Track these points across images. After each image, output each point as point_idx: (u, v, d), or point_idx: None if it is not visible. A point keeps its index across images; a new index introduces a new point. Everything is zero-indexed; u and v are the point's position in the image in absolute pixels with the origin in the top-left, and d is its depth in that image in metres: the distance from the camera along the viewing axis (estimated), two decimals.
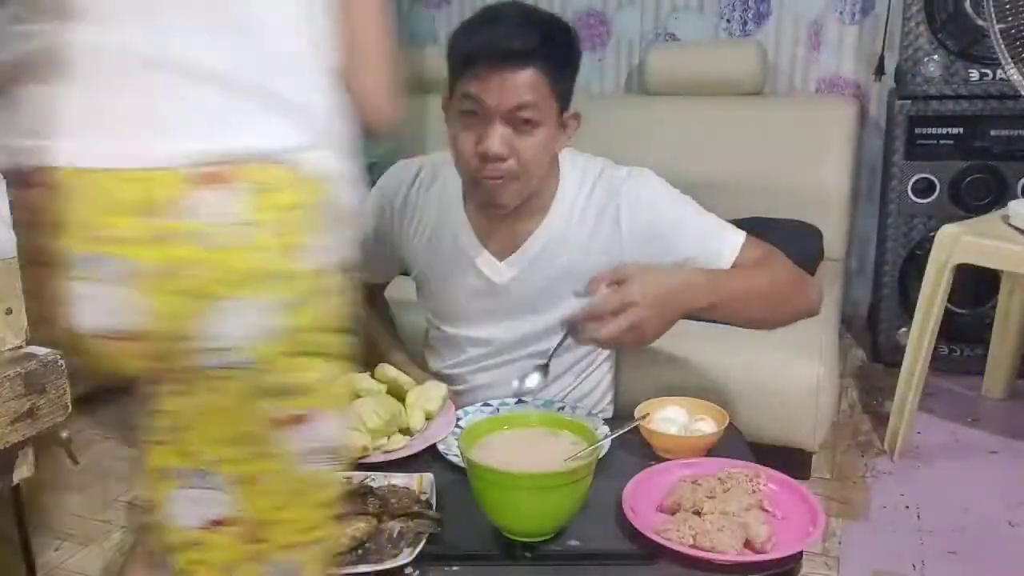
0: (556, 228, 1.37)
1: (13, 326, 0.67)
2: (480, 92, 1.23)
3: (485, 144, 1.24)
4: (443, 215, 1.41)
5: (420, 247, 1.44)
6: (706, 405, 1.29)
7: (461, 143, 1.28)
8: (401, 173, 1.47)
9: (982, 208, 2.36)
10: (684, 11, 2.94)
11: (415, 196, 1.44)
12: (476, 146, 1.25)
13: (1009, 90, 2.20)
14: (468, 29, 1.28)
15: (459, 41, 1.28)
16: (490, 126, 1.24)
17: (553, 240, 1.37)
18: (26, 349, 0.68)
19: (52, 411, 0.68)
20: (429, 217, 1.43)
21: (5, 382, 0.64)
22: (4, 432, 0.64)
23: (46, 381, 0.66)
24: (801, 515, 1.06)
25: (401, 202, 1.45)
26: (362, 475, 1.15)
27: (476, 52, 1.23)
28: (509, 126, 1.24)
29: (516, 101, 1.22)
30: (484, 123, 1.24)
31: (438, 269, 1.44)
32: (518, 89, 1.22)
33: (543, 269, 1.38)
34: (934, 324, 2.02)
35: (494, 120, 1.23)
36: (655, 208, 1.35)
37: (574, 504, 1.03)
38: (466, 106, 1.25)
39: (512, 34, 1.23)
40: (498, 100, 1.22)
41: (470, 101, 1.24)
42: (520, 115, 1.23)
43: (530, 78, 1.22)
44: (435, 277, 1.45)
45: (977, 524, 1.86)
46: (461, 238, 1.40)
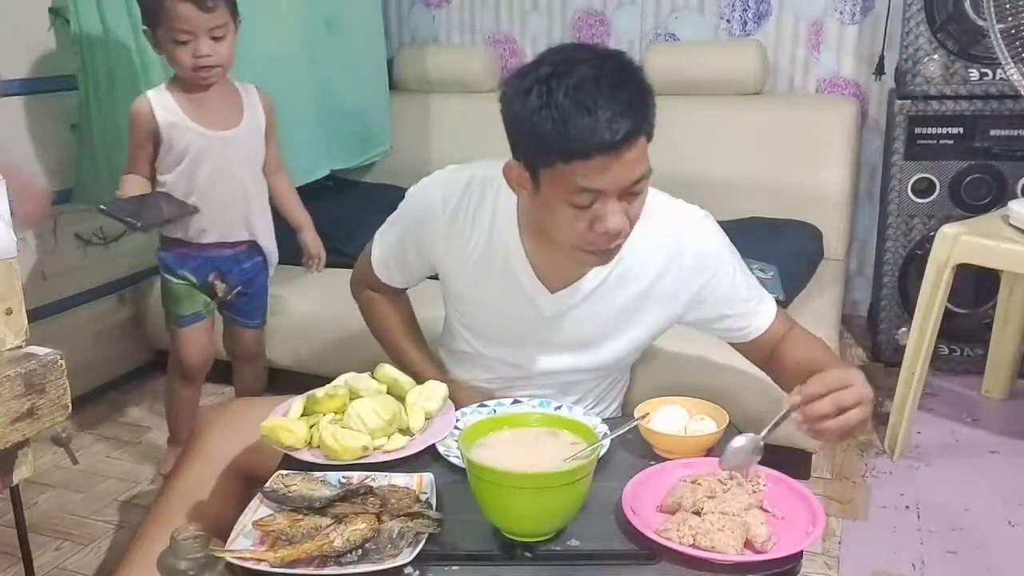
0: (620, 264, 1.33)
1: (13, 326, 0.67)
2: (599, 183, 1.14)
3: (605, 224, 1.16)
4: (496, 237, 1.35)
5: (467, 265, 1.38)
6: (706, 405, 1.29)
7: (573, 225, 1.18)
8: (450, 184, 1.38)
9: (982, 208, 2.36)
10: (684, 11, 2.93)
11: (465, 211, 1.36)
12: (591, 226, 1.18)
13: (1009, 90, 2.20)
14: (553, 112, 1.11)
15: (549, 126, 1.11)
16: (608, 206, 1.16)
17: (612, 275, 1.34)
18: (26, 349, 0.68)
19: (52, 411, 0.68)
20: (480, 237, 1.36)
21: (5, 382, 0.64)
22: (4, 432, 0.64)
23: (46, 381, 0.67)
24: (801, 515, 1.06)
25: (450, 215, 1.36)
26: (362, 475, 1.15)
27: (588, 147, 1.11)
28: (624, 200, 1.18)
29: (634, 177, 1.16)
30: (598, 202, 1.16)
31: (484, 290, 1.39)
32: (635, 166, 1.15)
33: (596, 307, 1.36)
34: (934, 324, 2.02)
35: (610, 200, 1.16)
36: (714, 278, 1.35)
37: (574, 504, 1.03)
38: (581, 200, 1.15)
39: (623, 116, 1.11)
40: (617, 184, 1.15)
41: (587, 194, 1.15)
42: (634, 188, 1.17)
43: (642, 148, 1.16)
44: (479, 298, 1.41)
45: (977, 524, 1.86)
46: (514, 265, 1.35)
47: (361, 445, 1.19)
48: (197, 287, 1.95)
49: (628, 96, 1.13)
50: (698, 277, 1.35)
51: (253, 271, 2.00)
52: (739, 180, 2.55)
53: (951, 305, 2.30)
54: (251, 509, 1.07)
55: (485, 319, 1.43)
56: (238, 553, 0.98)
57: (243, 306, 2.03)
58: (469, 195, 1.36)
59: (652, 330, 1.42)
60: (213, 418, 1.43)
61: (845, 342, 2.75)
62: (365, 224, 1.55)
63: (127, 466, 2.22)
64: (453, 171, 1.41)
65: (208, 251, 1.92)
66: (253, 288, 2.02)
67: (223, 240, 1.92)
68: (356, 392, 1.30)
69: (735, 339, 1.42)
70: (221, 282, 1.96)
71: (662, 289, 1.36)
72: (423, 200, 1.40)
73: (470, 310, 1.44)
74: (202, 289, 1.96)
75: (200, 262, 1.93)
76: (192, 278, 1.94)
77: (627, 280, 1.35)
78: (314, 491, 1.07)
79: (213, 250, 1.93)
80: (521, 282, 1.35)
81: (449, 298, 1.48)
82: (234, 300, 2.01)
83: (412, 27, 3.30)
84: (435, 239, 1.39)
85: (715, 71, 2.69)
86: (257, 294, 2.04)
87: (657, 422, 1.24)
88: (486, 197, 1.35)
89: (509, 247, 1.34)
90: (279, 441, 1.21)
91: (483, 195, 1.35)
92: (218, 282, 1.96)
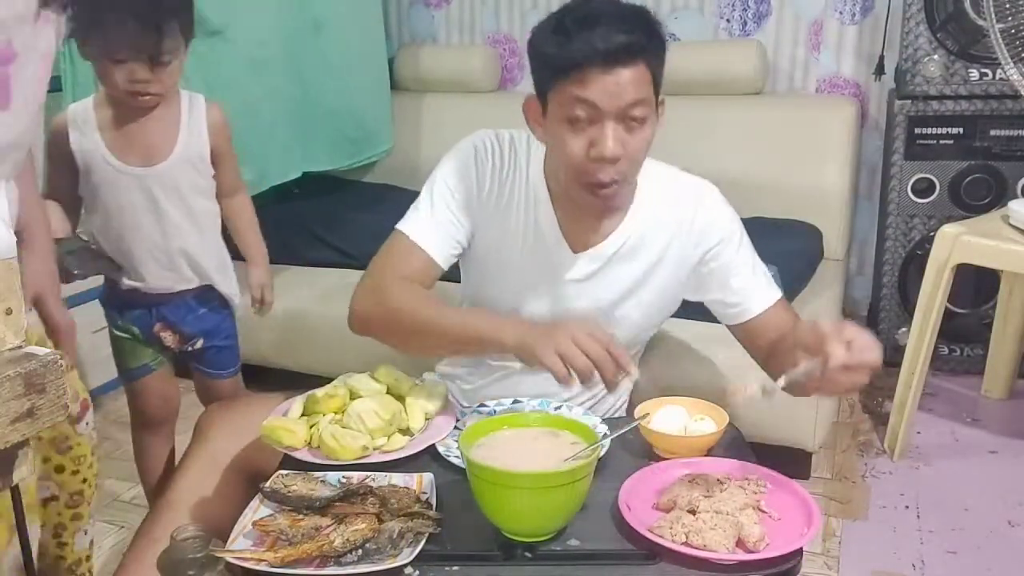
0: (636, 230, 1.37)
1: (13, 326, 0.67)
2: (592, 95, 1.20)
3: (600, 147, 1.21)
4: (526, 198, 1.38)
5: (499, 216, 1.39)
6: (706, 405, 1.29)
7: (571, 147, 1.24)
8: (497, 136, 1.41)
9: (982, 208, 2.36)
10: (684, 11, 2.93)
11: (510, 159, 1.40)
12: (589, 150, 1.23)
13: (1009, 90, 2.20)
14: (561, 32, 1.22)
15: (554, 45, 1.22)
16: (603, 128, 1.21)
17: (631, 242, 1.37)
18: (26, 349, 0.68)
19: (52, 411, 0.68)
20: (518, 187, 1.39)
21: (5, 382, 0.64)
22: (4, 432, 0.64)
23: (46, 381, 0.67)
24: (798, 516, 1.06)
25: (497, 160, 1.39)
26: (362, 475, 1.15)
27: (583, 55, 1.19)
28: (621, 125, 1.22)
29: (630, 99, 1.21)
30: (595, 126, 1.22)
31: (510, 251, 1.40)
32: (630, 87, 1.20)
33: (613, 276, 1.39)
34: (934, 324, 2.02)
35: (606, 121, 1.21)
36: (723, 239, 1.39)
37: (574, 504, 1.03)
38: (577, 111, 1.21)
39: (618, 32, 1.19)
40: (612, 101, 1.20)
41: (582, 105, 1.21)
42: (632, 113, 1.22)
43: (639, 74, 1.21)
44: (503, 260, 1.41)
45: (977, 524, 1.86)
46: (543, 225, 1.38)
47: (361, 445, 1.19)
48: (141, 341, 1.71)
49: (631, 21, 1.21)
50: (704, 242, 1.38)
51: (214, 319, 1.73)
52: (739, 180, 2.53)
53: (951, 305, 2.30)
54: (251, 509, 1.07)
55: (507, 285, 1.41)
56: (238, 553, 0.98)
57: (211, 359, 1.77)
58: (513, 146, 1.41)
59: (664, 299, 1.43)
60: (217, 416, 1.43)
61: None
62: (365, 224, 1.54)
63: (127, 466, 2.22)
64: (493, 132, 1.44)
65: (150, 300, 1.67)
66: (218, 339, 1.75)
67: (163, 289, 1.66)
68: (356, 392, 1.30)
69: (730, 317, 1.42)
70: (172, 333, 1.71)
71: (672, 255, 1.39)
72: (472, 143, 1.41)
73: (491, 273, 1.42)
74: (148, 342, 1.71)
75: (142, 312, 1.68)
76: (135, 330, 1.70)
77: (642, 247, 1.38)
78: (314, 491, 1.07)
79: (155, 300, 1.67)
80: (546, 237, 1.38)
81: (471, 269, 1.46)
82: (200, 353, 1.75)
83: (412, 27, 3.30)
84: (482, 179, 1.39)
85: (715, 71, 2.69)
86: (224, 343, 1.77)
87: (657, 422, 1.24)
88: (519, 154, 1.40)
89: (539, 207, 1.38)
90: (279, 441, 1.21)
91: (527, 148, 1.40)
92: (166, 334, 1.70)
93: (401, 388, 1.33)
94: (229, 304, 1.76)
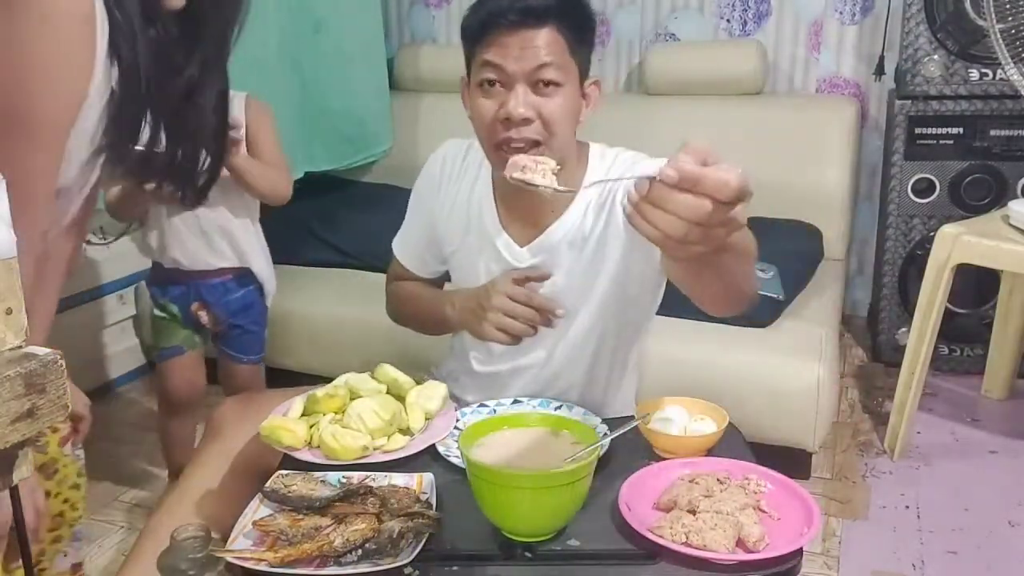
0: (580, 218, 1.34)
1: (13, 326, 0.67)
2: (499, 57, 1.22)
3: (508, 107, 1.22)
4: (474, 195, 1.40)
5: (452, 226, 1.43)
6: (706, 405, 1.28)
7: (482, 110, 1.26)
8: (448, 148, 1.46)
9: (982, 208, 2.36)
10: (684, 11, 2.93)
11: (458, 168, 1.43)
12: (498, 111, 1.24)
13: (1009, 90, 2.20)
14: (479, 2, 1.27)
15: (472, 12, 1.27)
16: (512, 90, 1.23)
17: (577, 230, 1.34)
18: (26, 349, 0.68)
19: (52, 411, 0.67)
20: (462, 197, 1.41)
21: (5, 382, 0.64)
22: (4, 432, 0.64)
23: (46, 381, 0.66)
24: (798, 516, 1.06)
25: (448, 172, 1.44)
26: (362, 475, 1.15)
27: (491, 17, 1.22)
28: (531, 89, 1.23)
29: (537, 62, 1.21)
30: (505, 89, 1.24)
31: (464, 249, 1.42)
32: (538, 49, 1.21)
33: (566, 262, 1.35)
34: (934, 324, 2.02)
35: (516, 84, 1.23)
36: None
37: (574, 504, 1.03)
38: (486, 74, 1.24)
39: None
40: (519, 63, 1.21)
41: (490, 68, 1.23)
42: (542, 76, 1.22)
43: (549, 37, 1.22)
44: (462, 259, 1.44)
45: (977, 524, 1.86)
46: (485, 217, 1.39)
47: (361, 445, 1.19)
48: (179, 320, 1.85)
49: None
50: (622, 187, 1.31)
51: (245, 301, 1.87)
52: None
53: (951, 305, 2.30)
54: (251, 509, 1.07)
55: (468, 281, 1.43)
56: (238, 553, 0.98)
57: (235, 340, 1.90)
58: (465, 156, 1.43)
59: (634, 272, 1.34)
60: (232, 411, 1.43)
61: (845, 342, 2.75)
62: (365, 224, 1.55)
63: (127, 466, 2.22)
64: (456, 141, 1.47)
65: (191, 279, 1.82)
66: (246, 320, 1.89)
67: (201, 268, 1.80)
68: (356, 392, 1.30)
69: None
70: (208, 313, 1.84)
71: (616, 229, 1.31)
72: (428, 163, 1.47)
73: (460, 278, 1.46)
74: (184, 321, 1.85)
75: (182, 291, 1.83)
76: (174, 308, 1.84)
77: (594, 231, 1.34)
78: (314, 491, 1.07)
79: (196, 278, 1.82)
80: (490, 232, 1.38)
81: (453, 274, 1.51)
82: (226, 333, 1.89)
83: (412, 27, 3.30)
84: (432, 199, 1.44)
85: (715, 71, 2.70)
86: (251, 327, 1.91)
87: (657, 422, 1.24)
88: (477, 157, 1.41)
89: (483, 202, 1.39)
90: (279, 441, 1.21)
91: (475, 156, 1.41)
92: (202, 313, 1.84)
93: (401, 388, 1.33)
94: (263, 292, 1.89)
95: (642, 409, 1.26)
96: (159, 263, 1.83)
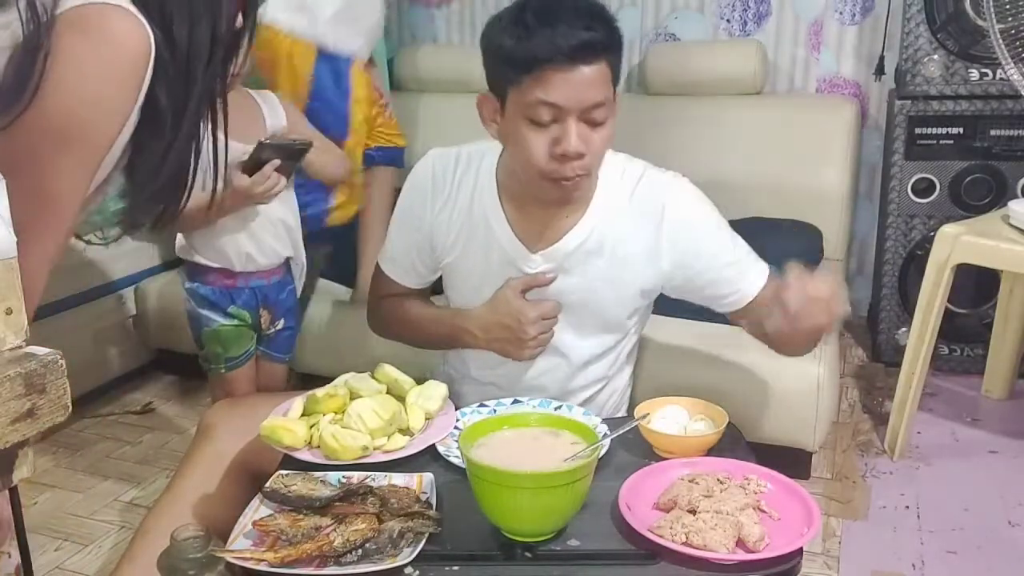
0: (595, 225, 1.35)
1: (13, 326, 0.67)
2: (554, 97, 1.19)
3: (563, 145, 1.21)
4: (476, 202, 1.39)
5: (452, 233, 1.41)
6: (706, 405, 1.29)
7: (532, 146, 1.23)
8: (435, 158, 1.44)
9: (982, 208, 2.36)
10: (684, 11, 2.93)
11: (451, 181, 1.41)
12: (553, 148, 1.23)
13: (1009, 90, 2.20)
14: (520, 29, 1.20)
15: (515, 42, 1.21)
16: (566, 126, 1.21)
17: (592, 238, 1.35)
18: (26, 349, 0.68)
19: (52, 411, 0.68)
20: (463, 203, 1.40)
21: (5, 382, 0.64)
22: (4, 432, 0.64)
23: (46, 381, 0.66)
24: (798, 516, 1.06)
25: (438, 184, 1.41)
26: (362, 475, 1.15)
27: (545, 53, 1.18)
28: (583, 122, 1.22)
29: (593, 100, 1.21)
30: (558, 124, 1.22)
31: (470, 259, 1.41)
32: (593, 87, 1.20)
33: (581, 268, 1.37)
34: (934, 324, 2.02)
35: (569, 119, 1.21)
36: (698, 233, 1.36)
37: (574, 504, 1.03)
38: (538, 112, 1.21)
39: (581, 29, 1.18)
40: (575, 102, 1.20)
41: (545, 107, 1.20)
42: (594, 115, 1.22)
43: (601, 72, 1.21)
44: (466, 268, 1.43)
45: (977, 524, 1.86)
46: (495, 228, 1.38)
47: (361, 445, 1.19)
48: (249, 325, 1.75)
49: (590, 17, 1.21)
50: (681, 239, 1.35)
51: (291, 299, 1.83)
52: (739, 180, 2.55)
53: (951, 305, 2.30)
54: (251, 509, 1.07)
55: (475, 290, 1.43)
56: (238, 553, 0.98)
57: (282, 340, 1.83)
58: (456, 165, 1.42)
59: (637, 296, 1.41)
60: (222, 414, 1.43)
61: (845, 342, 2.75)
62: None
63: (127, 466, 2.22)
64: (439, 150, 1.46)
65: (253, 279, 1.74)
66: (292, 319, 1.84)
67: (270, 264, 1.74)
68: (356, 392, 1.30)
69: (728, 306, 1.39)
70: (268, 313, 1.77)
71: (645, 250, 1.36)
72: (415, 175, 1.46)
73: (461, 283, 1.45)
74: (253, 326, 1.76)
75: (248, 294, 1.74)
76: (246, 314, 1.74)
77: (607, 244, 1.36)
78: (314, 491, 1.07)
79: (259, 278, 1.74)
80: (501, 242, 1.37)
81: (446, 284, 1.50)
82: (276, 335, 1.81)
83: (412, 27, 3.30)
84: (424, 210, 1.43)
85: (715, 71, 2.69)
86: (295, 324, 1.87)
87: (657, 422, 1.24)
88: (471, 166, 1.40)
89: (489, 210, 1.38)
90: (279, 441, 1.21)
91: (468, 164, 1.41)
92: (264, 313, 1.77)
93: (401, 388, 1.33)
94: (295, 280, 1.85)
95: (642, 409, 1.26)
96: (225, 269, 1.71)
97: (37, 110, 0.82)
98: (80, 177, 0.87)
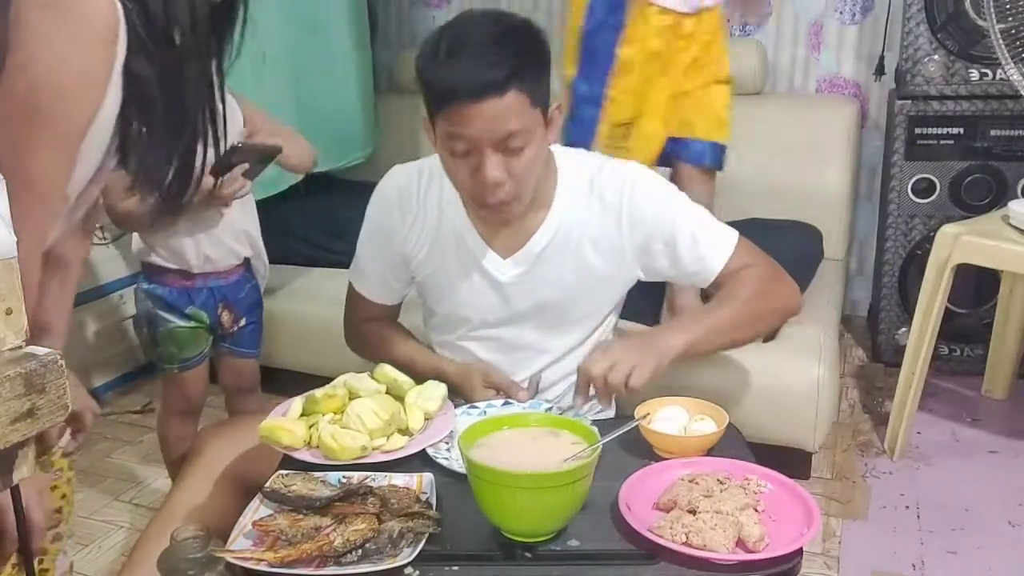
0: (560, 224, 1.37)
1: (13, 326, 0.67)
2: (465, 130, 1.20)
3: (481, 174, 1.23)
4: (444, 215, 1.41)
5: (424, 249, 1.43)
6: (706, 405, 1.29)
7: (456, 174, 1.27)
8: (398, 175, 1.46)
9: (982, 208, 2.36)
10: None
11: (416, 197, 1.42)
12: (472, 176, 1.24)
13: (1009, 90, 2.19)
14: (435, 61, 1.22)
15: (429, 75, 1.23)
16: (483, 156, 1.22)
17: (558, 237, 1.37)
18: (26, 349, 0.68)
19: (52, 411, 0.68)
20: (431, 217, 1.42)
21: (5, 382, 0.64)
22: (4, 432, 0.64)
23: (46, 381, 0.67)
24: (798, 516, 1.06)
25: (404, 201, 1.43)
26: (362, 475, 1.15)
27: (452, 90, 1.18)
28: (499, 152, 1.22)
29: (505, 131, 1.20)
30: (475, 153, 1.23)
31: (443, 271, 1.43)
32: (503, 119, 1.20)
33: (550, 268, 1.38)
34: (934, 324, 2.02)
35: (485, 150, 1.22)
36: (656, 219, 1.37)
37: (574, 504, 1.03)
38: (453, 144, 1.23)
39: (484, 64, 1.17)
40: (485, 134, 1.20)
41: (457, 139, 1.22)
42: (509, 144, 1.22)
43: (512, 101, 1.19)
44: (440, 280, 1.44)
45: (977, 524, 1.86)
46: (465, 238, 1.40)
47: (360, 445, 1.19)
48: (206, 327, 1.77)
49: (501, 51, 1.18)
50: (642, 226, 1.37)
51: (252, 295, 1.83)
52: (739, 180, 2.54)
53: (951, 305, 2.30)
54: (251, 509, 1.07)
55: (450, 300, 1.44)
56: (238, 553, 0.98)
57: (247, 336, 1.85)
58: (420, 179, 1.43)
59: (611, 289, 1.43)
60: (213, 434, 1.43)
61: (845, 342, 2.75)
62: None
63: (127, 466, 2.22)
64: (402, 166, 1.47)
65: (212, 279, 1.74)
66: (255, 315, 1.85)
67: (228, 264, 1.75)
68: (355, 392, 1.30)
69: (698, 283, 1.43)
70: (229, 312, 1.78)
71: (610, 244, 1.38)
72: (379, 193, 1.47)
73: (437, 296, 1.47)
74: (211, 327, 1.78)
75: (207, 296, 1.75)
76: (203, 315, 1.75)
77: (572, 240, 1.37)
78: (314, 491, 1.07)
79: (217, 277, 1.75)
80: (472, 251, 1.39)
81: (423, 301, 1.53)
82: (239, 332, 1.83)
83: (412, 27, 3.30)
84: (393, 227, 1.44)
85: None
86: (259, 320, 1.87)
87: (657, 422, 1.24)
88: (434, 180, 1.41)
89: (456, 220, 1.39)
90: (278, 441, 1.21)
91: (431, 178, 1.42)
92: (225, 313, 1.77)
93: (400, 388, 1.33)
94: (258, 276, 1.85)
95: (642, 409, 1.26)
96: (183, 270, 1.72)
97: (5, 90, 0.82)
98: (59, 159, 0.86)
